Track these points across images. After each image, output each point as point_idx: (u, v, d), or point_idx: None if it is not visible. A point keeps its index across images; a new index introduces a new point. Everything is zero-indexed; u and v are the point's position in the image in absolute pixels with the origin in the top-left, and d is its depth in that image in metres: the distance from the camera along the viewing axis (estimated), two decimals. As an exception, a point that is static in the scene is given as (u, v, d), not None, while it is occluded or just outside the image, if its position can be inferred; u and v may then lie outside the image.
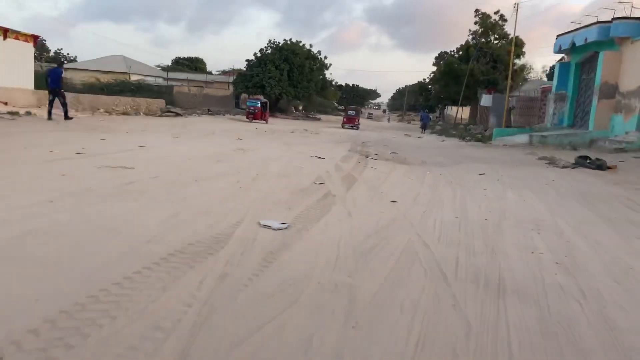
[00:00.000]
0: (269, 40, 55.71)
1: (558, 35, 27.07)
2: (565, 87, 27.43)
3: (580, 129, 25.68)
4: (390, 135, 35.63)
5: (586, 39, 23.67)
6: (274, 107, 58.07)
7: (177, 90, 56.35)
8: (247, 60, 54.87)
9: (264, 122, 37.97)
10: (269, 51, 55.22)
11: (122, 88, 50.77)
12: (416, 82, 79.82)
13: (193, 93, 56.45)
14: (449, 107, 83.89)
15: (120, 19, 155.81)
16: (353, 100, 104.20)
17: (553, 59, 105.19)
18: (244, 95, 56.49)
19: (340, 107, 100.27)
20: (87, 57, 59.47)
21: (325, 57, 60.58)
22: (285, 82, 53.65)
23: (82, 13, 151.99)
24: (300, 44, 56.83)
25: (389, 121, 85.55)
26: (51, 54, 73.17)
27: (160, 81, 59.17)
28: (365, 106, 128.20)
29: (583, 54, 25.98)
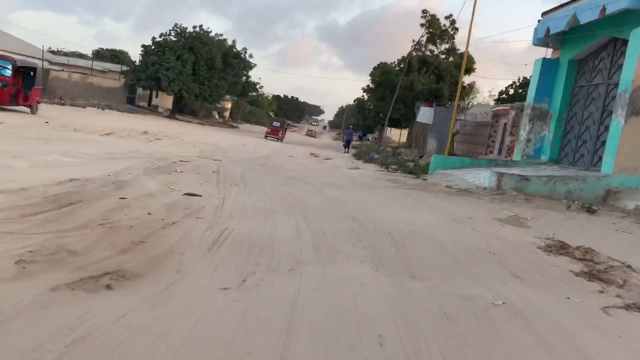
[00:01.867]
0: (174, 24, 42.97)
1: (544, 13, 15.81)
2: (549, 99, 16.10)
3: (576, 167, 14.27)
4: (300, 152, 23.82)
5: (604, 9, 12.43)
6: (176, 108, 45.10)
7: (54, 75, 42.52)
8: (143, 47, 41.76)
9: (280, 140, 37.71)
10: (171, 37, 42.33)
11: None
12: (354, 100, 68.39)
13: (74, 80, 42.81)
14: (389, 129, 73.26)
15: (62, 9, 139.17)
16: (292, 113, 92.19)
17: (501, 84, 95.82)
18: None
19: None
20: None
21: (251, 56, 48.16)
22: (188, 77, 40.83)
23: (20, 0, 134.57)
24: (212, 34, 44.22)
25: (314, 137, 73.68)
26: None
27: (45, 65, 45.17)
28: (309, 122, 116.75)
29: (588, 43, 14.62)
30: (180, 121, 41.57)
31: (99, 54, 78.59)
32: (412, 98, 37.50)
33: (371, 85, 42.49)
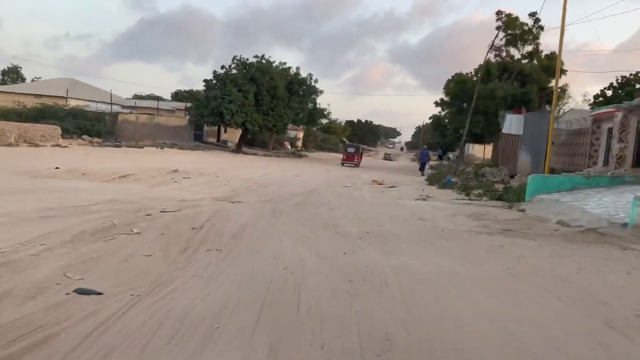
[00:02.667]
0: (234, 57, 40.98)
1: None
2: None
3: None
4: (362, 180, 19.89)
5: None
6: (243, 141, 42.85)
7: (123, 118, 41.92)
8: (205, 81, 40.03)
9: (357, 165, 36.24)
10: (233, 71, 40.29)
11: (46, 114, 36.55)
12: (430, 118, 63.26)
13: (141, 122, 41.95)
14: (470, 146, 67.10)
15: (149, 58, 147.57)
16: (367, 137, 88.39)
17: (590, 90, 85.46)
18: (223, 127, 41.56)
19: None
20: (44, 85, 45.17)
21: (316, 81, 45.12)
22: (250, 107, 38.35)
23: (113, 54, 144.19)
24: (275, 63, 41.68)
25: (391, 160, 69.13)
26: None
27: (117, 109, 45.06)
28: (385, 144, 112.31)
29: None
30: (246, 155, 39.13)
31: (177, 96, 79.73)
32: (494, 108, 32.32)
33: (445, 99, 37.61)
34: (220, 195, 11.72)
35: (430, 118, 62.59)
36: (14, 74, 60.99)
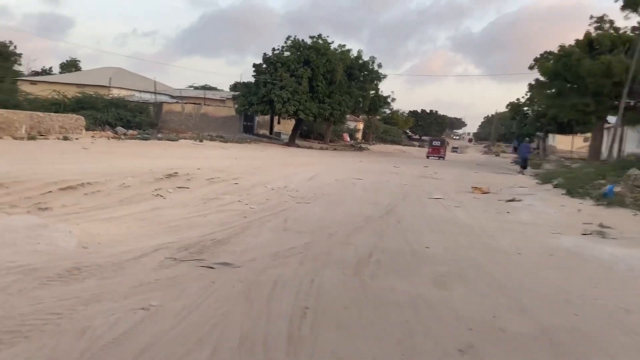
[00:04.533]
0: (287, 38, 34.93)
1: None
2: None
3: None
4: (450, 181, 13.41)
5: None
6: (296, 133, 36.82)
7: (168, 108, 37.09)
8: (254, 66, 34.25)
9: (442, 157, 35.92)
10: (286, 53, 34.26)
11: (85, 104, 32.29)
12: (507, 105, 54.80)
13: (187, 113, 36.92)
14: (552, 137, 57.77)
15: (211, 53, 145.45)
16: (431, 128, 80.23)
17: None
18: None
19: (414, 137, 77.08)
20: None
21: (380, 66, 38.37)
22: (304, 94, 32.19)
23: (176, 49, 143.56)
24: (331, 44, 35.26)
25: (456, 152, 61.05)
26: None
27: (164, 99, 40.42)
28: (451, 136, 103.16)
29: None
30: (299, 148, 33.11)
31: (236, 88, 74.52)
32: (610, 89, 24.33)
33: (542, 79, 29.70)
34: (195, 236, 5.63)
35: (507, 106, 54.03)
36: (72, 68, 58.28)
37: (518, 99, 52.95)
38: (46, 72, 55.94)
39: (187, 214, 7.15)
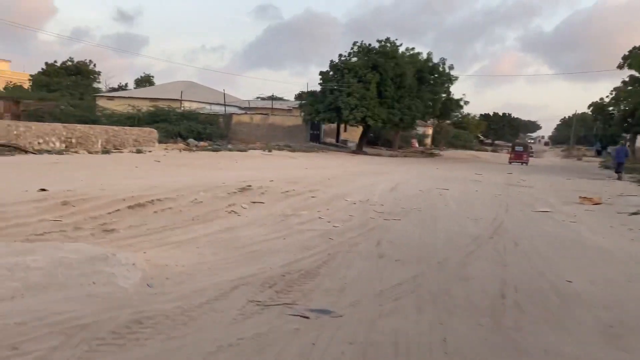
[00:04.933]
0: (354, 43, 33.87)
1: None
2: None
3: None
4: (546, 189, 11.76)
5: None
6: (364, 140, 35.64)
7: (237, 119, 37.22)
8: (321, 74, 33.52)
9: (525, 163, 34.53)
10: (353, 59, 33.27)
11: (158, 118, 33.11)
12: (589, 106, 50.78)
13: (255, 123, 36.83)
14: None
15: (276, 65, 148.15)
16: (504, 132, 76.17)
17: None
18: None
19: (486, 142, 73.33)
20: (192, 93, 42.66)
21: (451, 67, 36.50)
22: (372, 100, 31.01)
23: (242, 62, 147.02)
24: (400, 47, 33.86)
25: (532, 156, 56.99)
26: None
27: (233, 110, 40.68)
28: (527, 140, 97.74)
29: None
30: (367, 156, 31.89)
31: (302, 97, 74.99)
32: None
33: (637, 74, 26.75)
34: (277, 266, 4.62)
35: (589, 106, 49.90)
36: (146, 83, 60.62)
37: (601, 99, 48.86)
38: (122, 88, 58.45)
39: (264, 235, 6.19)
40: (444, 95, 37.47)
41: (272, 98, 42.20)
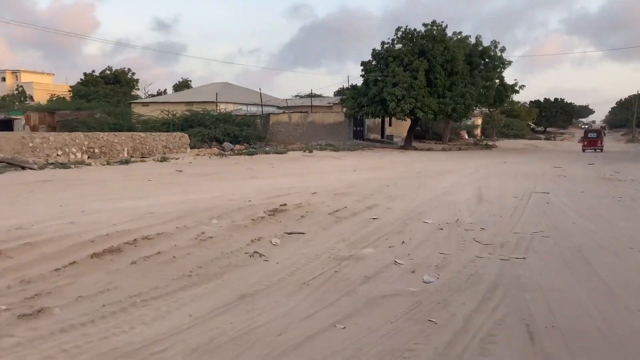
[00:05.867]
0: (397, 29, 30.48)
1: None
2: None
3: None
4: None
5: None
6: (412, 135, 32.26)
7: (275, 119, 34.64)
8: (362, 64, 30.37)
9: (600, 149, 32.14)
10: (397, 46, 29.95)
11: (193, 122, 31.13)
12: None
13: (294, 122, 34.12)
14: None
15: (312, 63, 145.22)
16: (557, 118, 70.41)
17: None
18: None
19: (538, 129, 67.90)
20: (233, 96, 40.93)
21: (503, 50, 32.58)
22: (421, 89, 27.64)
23: (279, 63, 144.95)
24: (446, 29, 30.26)
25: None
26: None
27: (270, 110, 38.16)
28: (579, 125, 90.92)
29: None
30: (417, 151, 28.56)
31: (342, 92, 72.05)
32: None
33: None
34: None
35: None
36: (184, 88, 59.26)
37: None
38: (160, 94, 57.29)
39: (306, 314, 3.31)
40: (497, 80, 33.57)
41: (311, 95, 39.33)
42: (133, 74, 54.61)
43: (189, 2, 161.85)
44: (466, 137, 45.94)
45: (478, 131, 51.37)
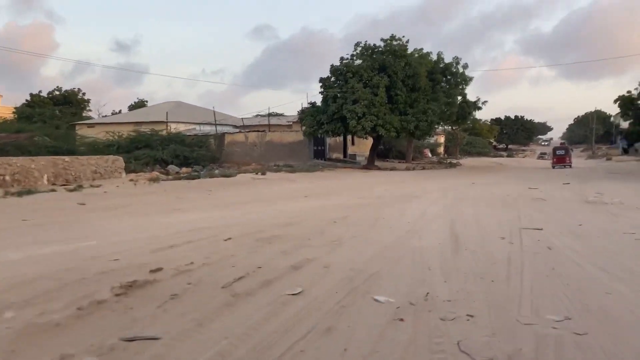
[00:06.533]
0: (356, 44, 28.57)
1: None
2: None
3: None
4: None
5: None
6: (374, 154, 30.20)
7: (230, 139, 32.01)
8: (321, 80, 28.25)
9: (569, 166, 32.53)
10: (357, 62, 28.00)
11: (140, 143, 28.19)
12: (616, 100, 45.37)
13: (251, 142, 31.56)
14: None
15: (277, 84, 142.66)
16: (519, 135, 70.25)
17: None
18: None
19: (499, 147, 67.46)
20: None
21: (465, 67, 31.04)
22: (382, 106, 25.67)
23: (243, 84, 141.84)
24: (407, 43, 28.56)
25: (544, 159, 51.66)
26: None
27: (226, 129, 35.36)
28: (538, 142, 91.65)
29: None
30: (382, 171, 26.41)
31: (303, 112, 69.49)
32: None
33: None
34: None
35: (615, 100, 44.20)
36: (140, 109, 55.89)
37: (629, 92, 43.28)
38: (116, 115, 53.73)
39: None
40: (459, 97, 32.01)
41: (269, 114, 36.94)
42: (84, 94, 50.99)
43: (149, 23, 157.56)
44: (430, 155, 44.43)
45: (441, 149, 50.07)
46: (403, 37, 28.42)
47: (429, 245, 5.65)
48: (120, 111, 57.40)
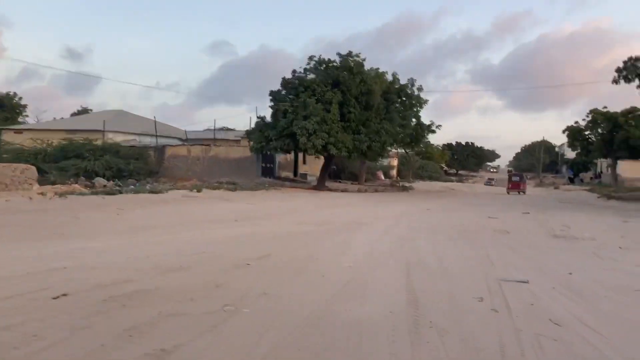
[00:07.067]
0: (310, 58, 26.82)
1: None
2: None
3: None
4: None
5: None
6: (326, 173, 28.26)
7: (172, 152, 29.21)
8: (271, 94, 26.15)
9: (523, 192, 32.38)
10: (310, 76, 26.18)
11: (70, 152, 25.00)
12: (564, 130, 45.88)
13: (195, 156, 28.93)
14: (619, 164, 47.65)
15: (233, 100, 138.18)
16: (469, 162, 70.63)
17: None
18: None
19: (450, 172, 67.57)
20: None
21: (420, 89, 29.71)
22: (334, 124, 23.85)
23: (199, 99, 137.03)
24: (364, 61, 27.04)
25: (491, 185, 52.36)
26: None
27: (169, 141, 32.45)
28: (486, 169, 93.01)
29: None
30: (332, 192, 24.47)
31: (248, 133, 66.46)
32: None
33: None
34: None
35: (564, 131, 44.60)
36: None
37: (577, 122, 43.78)
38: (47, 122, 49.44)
39: None
40: (414, 119, 30.74)
41: (214, 128, 34.44)
42: (20, 98, 46.62)
43: (102, 32, 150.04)
44: (382, 177, 43.09)
45: (394, 172, 48.98)
46: (360, 54, 26.90)
47: (375, 318, 3.57)
48: (62, 118, 53.10)
